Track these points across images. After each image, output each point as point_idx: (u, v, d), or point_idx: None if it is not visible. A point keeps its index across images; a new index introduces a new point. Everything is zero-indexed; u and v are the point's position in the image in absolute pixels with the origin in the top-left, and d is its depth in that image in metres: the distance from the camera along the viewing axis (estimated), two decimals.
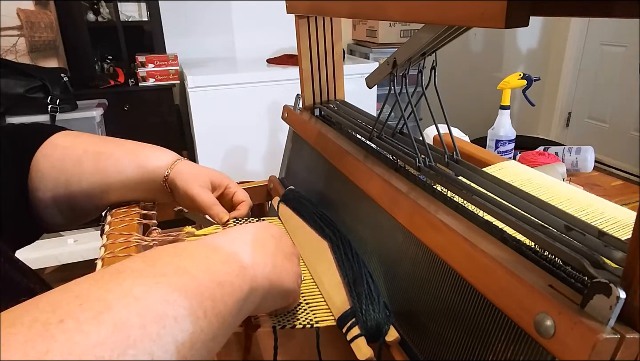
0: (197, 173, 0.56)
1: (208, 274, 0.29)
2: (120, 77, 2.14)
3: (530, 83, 1.31)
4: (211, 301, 0.28)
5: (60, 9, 1.95)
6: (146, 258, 0.29)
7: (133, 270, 0.27)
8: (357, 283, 0.44)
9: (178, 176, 0.55)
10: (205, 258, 0.31)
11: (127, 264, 0.28)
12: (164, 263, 0.29)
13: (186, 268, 0.28)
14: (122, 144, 0.56)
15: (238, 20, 2.55)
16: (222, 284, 0.29)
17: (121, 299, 0.24)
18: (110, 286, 0.25)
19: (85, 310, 0.22)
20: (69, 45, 2.00)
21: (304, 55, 0.71)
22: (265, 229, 0.41)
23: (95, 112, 1.82)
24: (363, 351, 0.38)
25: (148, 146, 0.57)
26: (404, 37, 2.54)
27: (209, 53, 2.54)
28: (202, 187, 0.56)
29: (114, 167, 0.53)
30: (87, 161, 0.52)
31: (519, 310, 0.27)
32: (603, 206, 0.44)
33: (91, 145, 0.54)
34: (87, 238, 1.85)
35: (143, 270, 0.27)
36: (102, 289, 0.24)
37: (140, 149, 0.56)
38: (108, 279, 0.26)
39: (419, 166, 0.46)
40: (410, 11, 0.34)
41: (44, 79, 1.72)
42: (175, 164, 0.56)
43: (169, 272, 0.28)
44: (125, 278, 0.26)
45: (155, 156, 0.56)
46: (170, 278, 0.27)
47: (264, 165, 2.14)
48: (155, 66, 2.12)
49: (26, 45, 1.90)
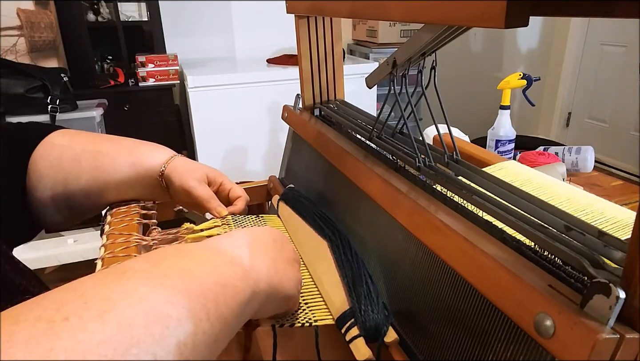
0: (192, 168, 0.56)
1: (211, 276, 0.29)
2: (120, 77, 2.14)
3: (530, 83, 1.31)
4: (214, 303, 0.28)
5: (60, 9, 1.95)
6: (150, 258, 0.29)
7: (137, 270, 0.27)
8: (357, 283, 0.44)
9: (174, 171, 0.55)
10: (209, 260, 0.31)
11: (131, 264, 0.28)
12: (167, 264, 0.29)
13: (190, 270, 0.28)
14: (119, 142, 0.56)
15: (238, 20, 2.54)
16: (226, 287, 0.29)
17: (125, 299, 0.24)
18: (114, 285, 0.25)
19: (90, 309, 0.22)
20: (69, 45, 2.00)
21: (304, 56, 0.71)
22: (268, 234, 0.41)
23: (95, 112, 1.82)
24: (362, 351, 0.38)
25: (144, 144, 0.57)
26: (404, 37, 2.54)
27: (209, 53, 2.54)
28: (198, 181, 0.56)
29: (111, 165, 0.53)
30: (85, 159, 0.52)
31: (518, 310, 0.27)
32: (603, 206, 0.44)
33: (88, 143, 0.54)
34: (87, 238, 1.85)
35: (147, 271, 0.27)
36: (106, 288, 0.24)
37: (136, 146, 0.56)
38: (112, 279, 0.26)
39: (419, 166, 0.46)
40: (410, 11, 0.34)
41: (44, 79, 1.72)
42: (171, 160, 0.56)
43: (173, 273, 0.28)
44: (129, 277, 0.26)
45: (151, 153, 0.56)
46: (173, 280, 0.27)
47: (264, 165, 2.14)
48: (155, 66, 2.12)
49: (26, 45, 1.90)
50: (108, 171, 0.53)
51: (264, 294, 0.35)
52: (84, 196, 0.53)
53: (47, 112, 1.70)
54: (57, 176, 0.51)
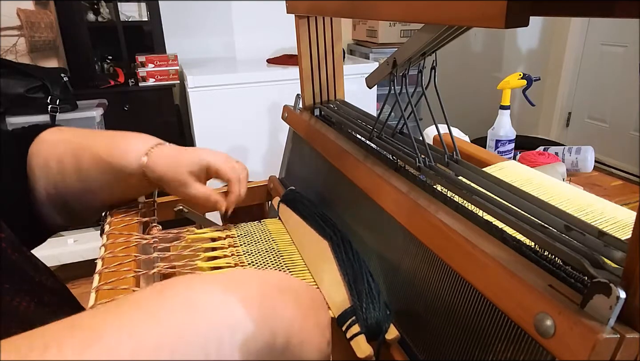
0: (176, 163, 0.51)
1: (221, 315, 0.26)
2: (120, 77, 2.14)
3: (530, 83, 1.31)
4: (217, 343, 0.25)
5: (60, 9, 1.95)
6: (158, 285, 0.27)
7: (138, 300, 0.25)
8: (358, 281, 0.44)
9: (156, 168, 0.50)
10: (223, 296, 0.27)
11: (134, 295, 0.26)
12: (174, 294, 0.26)
13: (197, 305, 0.26)
14: (97, 137, 0.52)
15: (238, 21, 2.54)
16: (235, 331, 0.26)
17: (114, 331, 0.22)
18: (108, 316, 0.23)
19: (74, 337, 0.21)
20: (69, 45, 2.00)
21: (304, 56, 0.71)
22: (306, 289, 0.35)
23: (95, 112, 1.82)
24: (362, 348, 0.38)
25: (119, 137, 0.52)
26: (404, 37, 2.54)
27: (209, 53, 2.54)
28: (186, 180, 0.51)
29: (90, 165, 0.50)
30: (67, 158, 0.50)
31: (519, 309, 0.27)
32: (603, 206, 0.44)
33: (71, 141, 0.51)
34: (87, 238, 1.85)
35: (149, 300, 0.25)
36: (98, 318, 0.23)
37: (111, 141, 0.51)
38: (107, 310, 0.24)
39: (419, 166, 0.46)
40: (410, 11, 0.34)
41: (44, 79, 1.72)
42: (149, 152, 0.50)
43: (177, 306, 0.25)
44: (126, 309, 0.24)
45: (125, 148, 0.50)
46: (176, 314, 0.25)
47: (264, 165, 2.14)
48: (155, 66, 2.12)
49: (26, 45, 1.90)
50: (89, 175, 0.50)
51: (279, 349, 0.29)
52: (74, 199, 0.51)
53: (47, 112, 1.70)
54: (48, 177, 0.50)
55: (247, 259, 0.53)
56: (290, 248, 0.56)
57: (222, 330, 0.25)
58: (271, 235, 0.59)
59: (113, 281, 0.41)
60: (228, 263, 0.51)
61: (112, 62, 2.27)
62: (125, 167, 0.50)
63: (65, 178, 0.50)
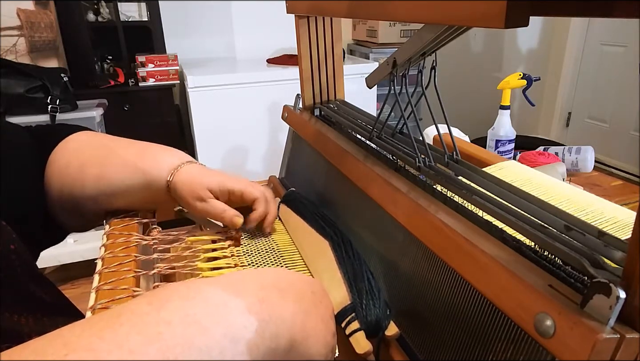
0: (195, 182, 0.52)
1: (221, 327, 0.26)
2: (120, 77, 2.14)
3: (530, 83, 1.31)
4: (219, 357, 0.25)
5: (60, 9, 1.95)
6: (153, 298, 0.27)
7: (135, 314, 0.25)
8: (358, 279, 0.44)
9: (178, 184, 0.51)
10: (222, 306, 0.27)
11: (131, 306, 0.26)
12: (172, 307, 0.26)
13: (196, 317, 0.25)
14: (128, 147, 0.53)
15: (238, 20, 2.54)
16: (236, 342, 0.26)
17: (112, 351, 0.21)
18: (105, 332, 0.23)
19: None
20: (69, 45, 2.00)
21: (304, 56, 0.71)
22: (306, 283, 0.35)
23: (95, 112, 1.82)
24: (362, 345, 0.38)
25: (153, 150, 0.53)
26: (404, 37, 2.54)
27: (209, 53, 2.54)
28: (203, 198, 0.52)
29: (116, 174, 0.50)
30: (90, 167, 0.50)
31: (518, 309, 0.27)
32: (603, 206, 0.44)
33: (98, 149, 0.52)
34: (87, 238, 1.85)
35: (146, 315, 0.25)
36: (95, 337, 0.22)
37: (144, 153, 0.52)
38: (104, 324, 0.24)
39: (419, 166, 0.46)
40: (410, 11, 0.34)
41: (44, 79, 1.72)
42: (178, 169, 0.52)
43: (175, 320, 0.25)
44: (122, 322, 0.24)
45: (157, 162, 0.52)
46: (175, 329, 0.24)
47: (264, 165, 2.14)
48: (155, 66, 2.12)
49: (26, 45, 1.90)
50: (113, 180, 0.50)
51: (283, 351, 0.29)
52: (92, 203, 0.51)
53: (47, 112, 1.70)
54: (64, 183, 0.50)
55: (247, 259, 0.53)
56: (291, 248, 0.56)
57: (224, 343, 0.25)
58: (271, 235, 0.59)
59: (113, 281, 0.41)
60: (228, 263, 0.51)
61: (112, 62, 2.27)
62: (155, 178, 0.51)
63: (84, 184, 0.50)
